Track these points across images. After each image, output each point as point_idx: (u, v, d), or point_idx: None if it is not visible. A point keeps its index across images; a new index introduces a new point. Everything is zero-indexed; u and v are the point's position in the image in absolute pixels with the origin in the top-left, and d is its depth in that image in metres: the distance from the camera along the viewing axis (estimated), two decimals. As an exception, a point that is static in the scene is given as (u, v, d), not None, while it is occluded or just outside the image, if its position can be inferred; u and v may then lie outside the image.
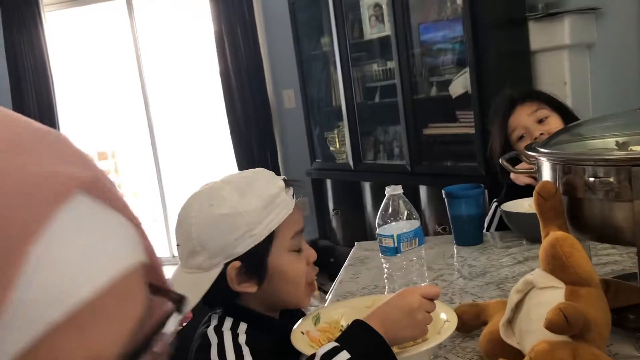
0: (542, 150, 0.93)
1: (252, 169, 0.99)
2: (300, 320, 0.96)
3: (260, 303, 0.95)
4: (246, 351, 0.87)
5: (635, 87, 2.65)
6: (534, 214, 1.44)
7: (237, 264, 0.89)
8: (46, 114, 4.40)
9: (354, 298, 1.17)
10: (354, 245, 1.65)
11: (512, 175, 1.58)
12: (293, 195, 0.96)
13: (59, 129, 4.44)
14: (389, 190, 1.10)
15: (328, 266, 3.75)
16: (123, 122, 4.81)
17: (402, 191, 1.10)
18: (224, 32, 4.05)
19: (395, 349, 0.90)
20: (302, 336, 0.91)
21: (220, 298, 0.93)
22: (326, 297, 1.32)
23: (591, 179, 0.84)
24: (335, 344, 0.79)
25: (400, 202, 1.10)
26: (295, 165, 4.14)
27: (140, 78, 4.59)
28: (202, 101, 4.62)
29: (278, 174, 0.98)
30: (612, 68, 2.69)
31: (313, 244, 3.94)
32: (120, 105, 4.77)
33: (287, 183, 0.96)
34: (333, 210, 3.69)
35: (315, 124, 3.81)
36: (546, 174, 0.94)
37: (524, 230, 1.46)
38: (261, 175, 0.96)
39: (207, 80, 4.45)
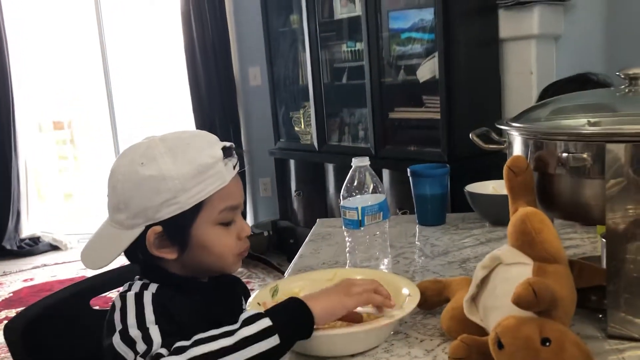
0: (514, 125, 0.91)
1: (196, 130, 0.92)
2: (257, 291, 0.92)
3: (181, 267, 0.89)
4: (149, 309, 0.81)
5: (599, 80, 2.67)
6: (497, 196, 1.45)
7: (158, 228, 0.85)
8: (-1, 79, 4.21)
9: (315, 271, 1.13)
10: (314, 227, 1.60)
11: None
12: (235, 166, 0.89)
13: (12, 95, 4.26)
14: (355, 162, 1.06)
15: (288, 247, 3.72)
16: (81, 93, 4.66)
17: (369, 163, 1.06)
18: (191, 4, 3.94)
19: (356, 325, 0.87)
20: (258, 307, 0.87)
21: (140, 257, 0.88)
22: (284, 274, 1.28)
23: (564, 155, 0.82)
24: (259, 311, 0.77)
25: (367, 174, 1.06)
26: (259, 145, 4.08)
27: (101, 49, 4.43)
28: (164, 76, 4.50)
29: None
30: (577, 60, 2.70)
31: (273, 224, 3.90)
32: (79, 76, 4.62)
33: (229, 151, 0.87)
34: (295, 191, 3.64)
35: (281, 103, 3.74)
36: (517, 149, 0.92)
37: (487, 212, 1.45)
38: (200, 139, 0.87)
39: (170, 55, 4.32)
